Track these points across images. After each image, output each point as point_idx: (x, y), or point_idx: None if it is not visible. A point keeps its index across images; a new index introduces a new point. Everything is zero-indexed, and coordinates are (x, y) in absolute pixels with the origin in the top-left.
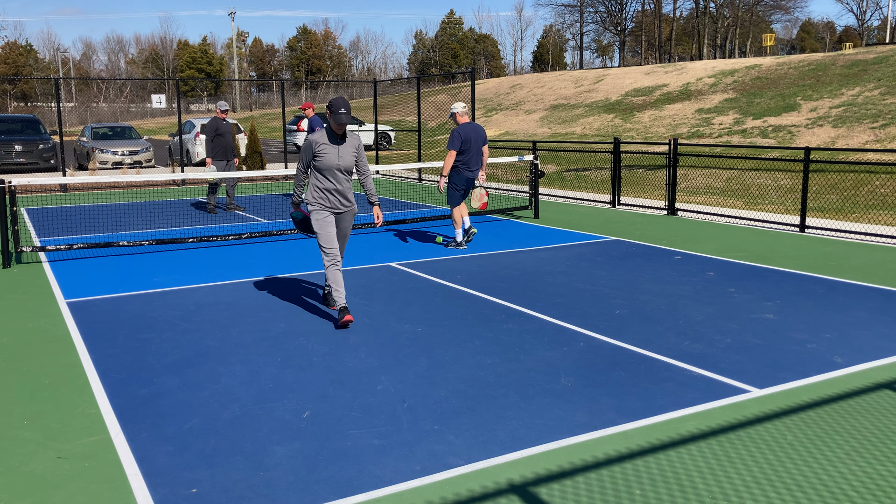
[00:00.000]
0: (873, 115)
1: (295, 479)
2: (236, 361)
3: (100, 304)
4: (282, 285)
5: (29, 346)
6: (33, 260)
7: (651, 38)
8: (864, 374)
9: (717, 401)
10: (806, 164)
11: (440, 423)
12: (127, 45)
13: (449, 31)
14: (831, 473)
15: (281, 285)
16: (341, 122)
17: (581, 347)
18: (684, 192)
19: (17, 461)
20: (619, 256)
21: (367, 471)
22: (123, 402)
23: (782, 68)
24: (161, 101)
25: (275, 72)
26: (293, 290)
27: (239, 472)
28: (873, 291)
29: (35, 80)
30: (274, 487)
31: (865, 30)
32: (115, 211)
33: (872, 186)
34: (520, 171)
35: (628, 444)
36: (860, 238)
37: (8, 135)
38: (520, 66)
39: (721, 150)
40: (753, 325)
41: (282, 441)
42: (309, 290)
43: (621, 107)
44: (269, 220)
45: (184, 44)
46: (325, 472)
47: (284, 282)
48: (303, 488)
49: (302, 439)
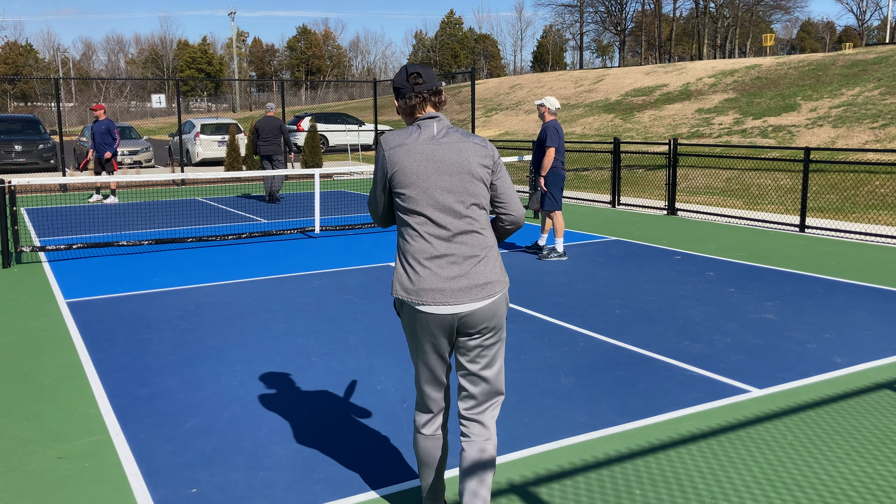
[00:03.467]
0: (873, 115)
1: (295, 479)
2: (236, 361)
3: (99, 303)
4: (282, 285)
5: (29, 346)
6: (33, 260)
7: (651, 38)
8: (864, 374)
9: (717, 401)
10: (806, 164)
11: None
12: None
13: (449, 31)
14: (831, 473)
15: (281, 285)
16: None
17: (581, 347)
18: (684, 192)
19: (17, 461)
20: (619, 256)
21: (367, 471)
22: (123, 402)
23: (782, 68)
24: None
25: (275, 72)
26: (293, 290)
27: (239, 472)
28: (873, 291)
29: (35, 80)
30: (274, 487)
31: (865, 30)
32: (115, 211)
33: (872, 186)
34: (520, 171)
35: (628, 444)
36: (860, 238)
37: (8, 135)
38: (520, 66)
39: (721, 150)
40: (753, 325)
41: (282, 441)
42: (309, 290)
43: (621, 107)
44: (269, 221)
45: (184, 44)
46: (325, 472)
47: (284, 282)
48: (303, 488)
49: (302, 439)
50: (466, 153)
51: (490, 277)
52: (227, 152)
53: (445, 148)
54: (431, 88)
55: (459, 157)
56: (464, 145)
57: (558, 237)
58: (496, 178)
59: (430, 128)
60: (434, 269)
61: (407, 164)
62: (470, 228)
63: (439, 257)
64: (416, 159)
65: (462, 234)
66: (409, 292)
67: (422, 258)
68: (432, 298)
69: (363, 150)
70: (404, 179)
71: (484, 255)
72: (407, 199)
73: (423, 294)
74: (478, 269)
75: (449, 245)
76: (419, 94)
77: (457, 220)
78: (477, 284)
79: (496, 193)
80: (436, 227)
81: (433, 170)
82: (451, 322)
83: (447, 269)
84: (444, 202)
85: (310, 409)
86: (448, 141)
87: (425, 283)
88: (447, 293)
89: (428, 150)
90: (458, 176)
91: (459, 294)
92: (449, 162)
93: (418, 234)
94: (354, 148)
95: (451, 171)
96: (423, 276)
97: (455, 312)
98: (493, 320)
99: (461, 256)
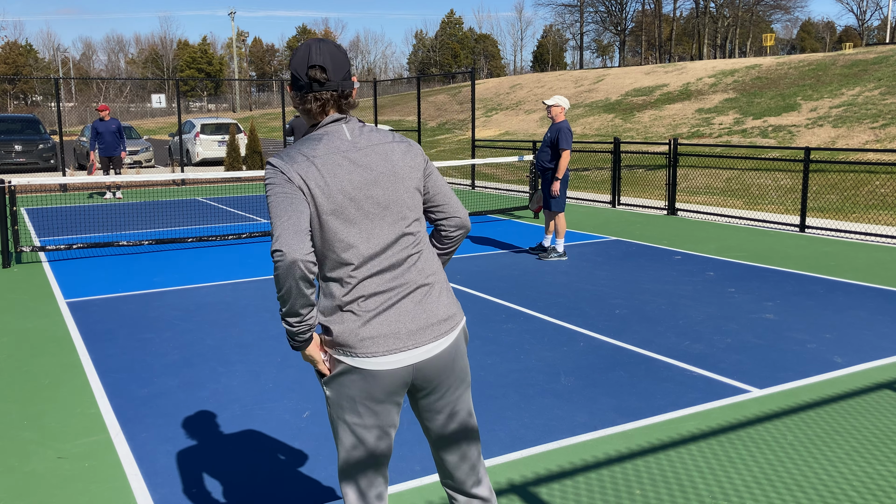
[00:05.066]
0: (873, 115)
1: (295, 480)
2: (236, 361)
3: (99, 303)
4: None
5: (29, 346)
6: (33, 260)
7: (651, 38)
8: (864, 374)
9: (717, 401)
10: (806, 164)
11: None
12: (127, 45)
13: (449, 31)
14: (831, 473)
15: None
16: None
17: (581, 347)
18: (684, 192)
19: (17, 461)
20: (619, 256)
21: None
22: (123, 402)
23: (782, 68)
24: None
25: (275, 72)
26: None
27: (239, 473)
28: (873, 291)
29: (35, 80)
30: (274, 487)
31: (865, 30)
32: (115, 211)
33: (872, 186)
34: (520, 171)
35: (628, 444)
36: (860, 238)
37: (8, 135)
38: (520, 66)
39: (721, 150)
40: (753, 325)
41: (282, 441)
42: None
43: (621, 107)
44: (269, 221)
45: (184, 44)
46: (325, 472)
47: None
48: (303, 488)
49: (302, 439)
50: (393, 158)
51: (450, 310)
52: (227, 152)
53: (367, 155)
54: (337, 91)
55: (387, 164)
56: (387, 148)
57: (559, 237)
58: (429, 181)
59: (339, 133)
60: (379, 309)
61: (329, 183)
62: (415, 251)
63: (382, 293)
64: (338, 174)
65: (407, 260)
66: (347, 348)
67: (362, 301)
68: (385, 346)
69: None
70: (326, 204)
71: (434, 282)
72: (331, 229)
73: (368, 344)
74: (432, 301)
75: (394, 276)
76: (319, 99)
77: (398, 244)
78: (435, 321)
79: (431, 197)
80: (372, 260)
81: (359, 184)
82: (404, 377)
83: (398, 305)
84: (379, 224)
85: (310, 409)
86: (367, 145)
87: (372, 329)
88: (402, 337)
89: (347, 162)
90: (392, 188)
91: (417, 335)
92: (377, 172)
93: (349, 271)
94: None
95: (382, 183)
96: (368, 321)
97: (411, 363)
98: (458, 363)
99: (410, 287)
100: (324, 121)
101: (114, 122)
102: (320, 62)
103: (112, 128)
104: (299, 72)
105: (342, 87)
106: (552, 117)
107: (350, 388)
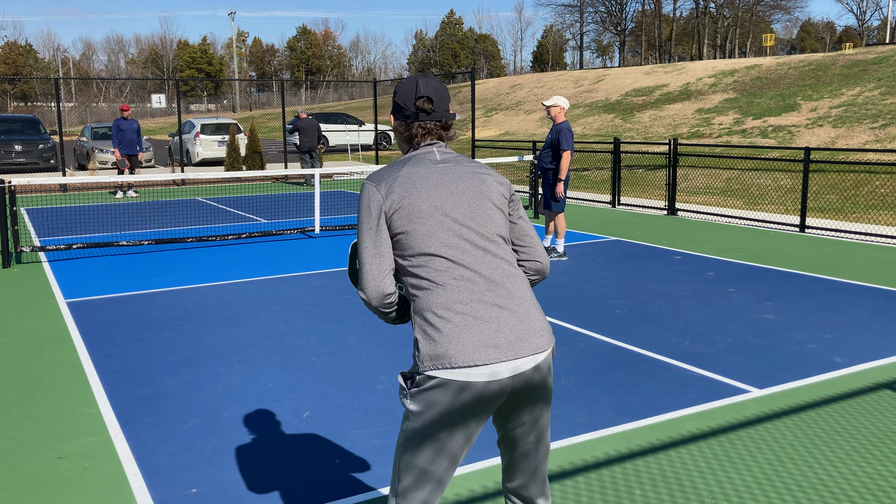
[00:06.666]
0: (873, 115)
1: (295, 480)
2: (236, 361)
3: (99, 303)
4: (282, 285)
5: (29, 346)
6: (33, 260)
7: (651, 38)
8: (864, 374)
9: (717, 401)
10: (806, 164)
11: None
12: (127, 45)
13: (449, 31)
14: (831, 473)
15: (281, 285)
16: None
17: (581, 347)
18: (684, 192)
19: (17, 461)
20: (619, 256)
21: (368, 471)
22: (123, 402)
23: (782, 68)
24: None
25: (275, 72)
26: (293, 290)
27: (239, 473)
28: (873, 291)
29: (35, 80)
30: (274, 488)
31: (865, 30)
32: (115, 211)
33: (872, 186)
34: (520, 171)
35: (628, 444)
36: (860, 238)
37: (8, 135)
38: (520, 66)
39: (721, 150)
40: (753, 325)
41: (282, 441)
42: (309, 290)
43: (621, 107)
44: (268, 221)
45: (184, 44)
46: (326, 473)
47: (284, 282)
48: (303, 488)
49: (302, 439)
50: (480, 177)
51: (544, 323)
52: (227, 152)
53: (454, 171)
54: (441, 121)
55: (474, 181)
56: (475, 169)
57: (559, 238)
58: (515, 217)
59: (429, 154)
60: (476, 319)
61: (412, 195)
62: (506, 265)
63: (475, 303)
64: (423, 186)
65: (500, 272)
66: (442, 359)
67: (453, 306)
68: (485, 357)
69: (363, 150)
70: (411, 214)
71: (526, 295)
72: (416, 237)
73: (466, 354)
74: (528, 310)
75: (487, 286)
76: (424, 128)
77: (486, 255)
78: (533, 333)
79: (517, 236)
80: (461, 268)
81: (445, 195)
82: (501, 391)
83: (494, 316)
84: (467, 233)
85: (310, 409)
86: (454, 163)
87: (469, 340)
88: (502, 347)
89: (434, 176)
90: (478, 202)
91: (516, 346)
92: (464, 185)
93: (437, 279)
94: (354, 148)
95: (468, 196)
96: (464, 331)
97: (511, 374)
98: (549, 378)
99: (506, 295)
100: (421, 143)
101: (135, 121)
102: (427, 94)
103: (134, 126)
104: (406, 103)
105: (445, 119)
106: (552, 118)
107: (442, 401)
